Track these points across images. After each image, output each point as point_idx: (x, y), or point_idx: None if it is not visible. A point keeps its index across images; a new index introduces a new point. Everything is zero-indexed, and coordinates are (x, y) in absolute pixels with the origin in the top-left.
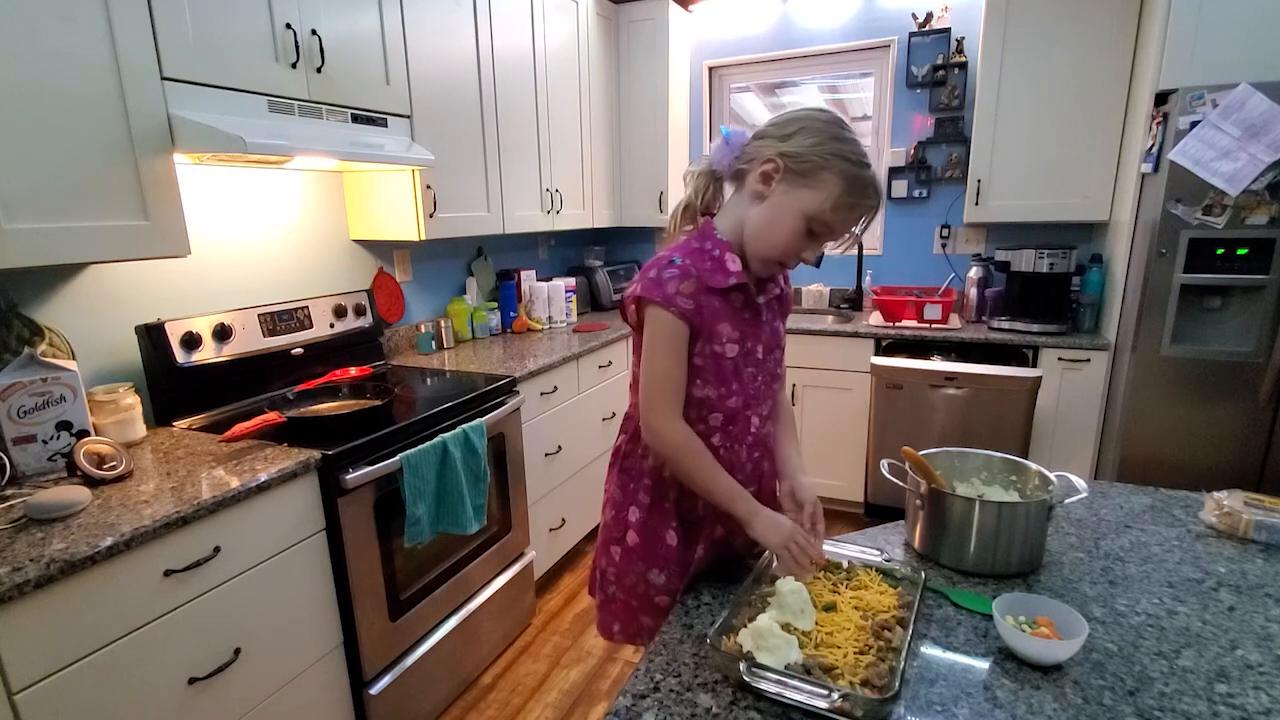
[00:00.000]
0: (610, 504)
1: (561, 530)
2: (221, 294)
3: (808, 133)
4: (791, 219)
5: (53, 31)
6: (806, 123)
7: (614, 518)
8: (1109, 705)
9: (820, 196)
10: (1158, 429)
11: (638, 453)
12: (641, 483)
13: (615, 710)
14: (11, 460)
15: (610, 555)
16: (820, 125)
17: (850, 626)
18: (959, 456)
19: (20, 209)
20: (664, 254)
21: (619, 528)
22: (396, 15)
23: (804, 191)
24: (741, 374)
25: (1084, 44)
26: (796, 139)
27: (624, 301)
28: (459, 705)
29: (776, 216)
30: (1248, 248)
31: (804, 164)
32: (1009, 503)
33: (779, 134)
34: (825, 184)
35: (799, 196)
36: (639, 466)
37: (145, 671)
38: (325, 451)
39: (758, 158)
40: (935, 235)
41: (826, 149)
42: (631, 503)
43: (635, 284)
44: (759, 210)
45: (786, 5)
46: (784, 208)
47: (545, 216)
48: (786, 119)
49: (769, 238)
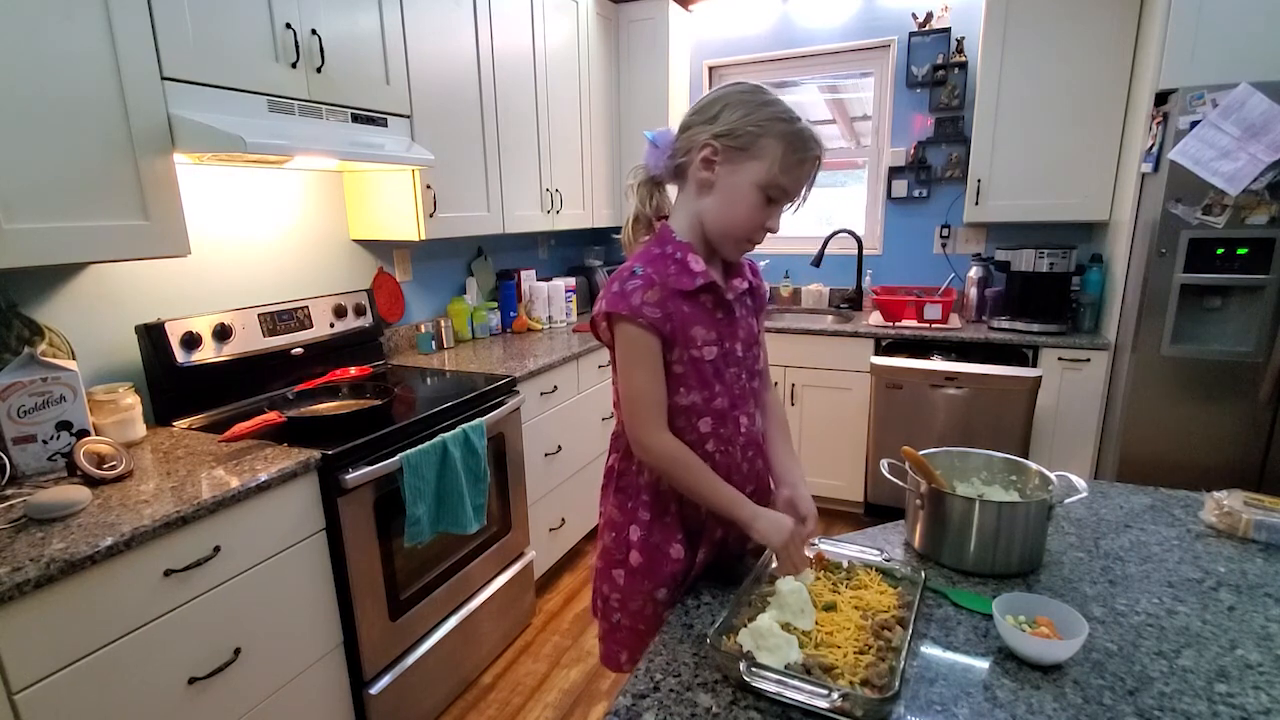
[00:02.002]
0: (609, 526)
1: (561, 530)
2: (221, 294)
3: (732, 107)
4: (746, 194)
5: (53, 31)
6: (728, 99)
7: (615, 540)
8: (1109, 705)
9: (766, 163)
10: (1158, 429)
11: (632, 470)
12: (640, 499)
13: (615, 710)
14: (11, 460)
15: (613, 580)
16: (743, 96)
17: (850, 626)
18: (959, 456)
19: (20, 209)
20: (625, 265)
21: (620, 549)
22: (396, 15)
23: (749, 164)
24: (724, 375)
25: (1084, 44)
26: (724, 117)
27: (593, 319)
28: (459, 705)
29: (731, 197)
30: (1248, 247)
31: (740, 138)
32: (1009, 502)
33: (704, 118)
34: (767, 150)
35: (746, 170)
36: (635, 483)
37: (145, 671)
38: (325, 451)
39: (692, 148)
40: (935, 235)
41: (756, 116)
42: (631, 521)
43: (601, 300)
44: (711, 199)
45: (786, 5)
46: (735, 186)
47: (545, 216)
48: (706, 102)
49: (730, 219)
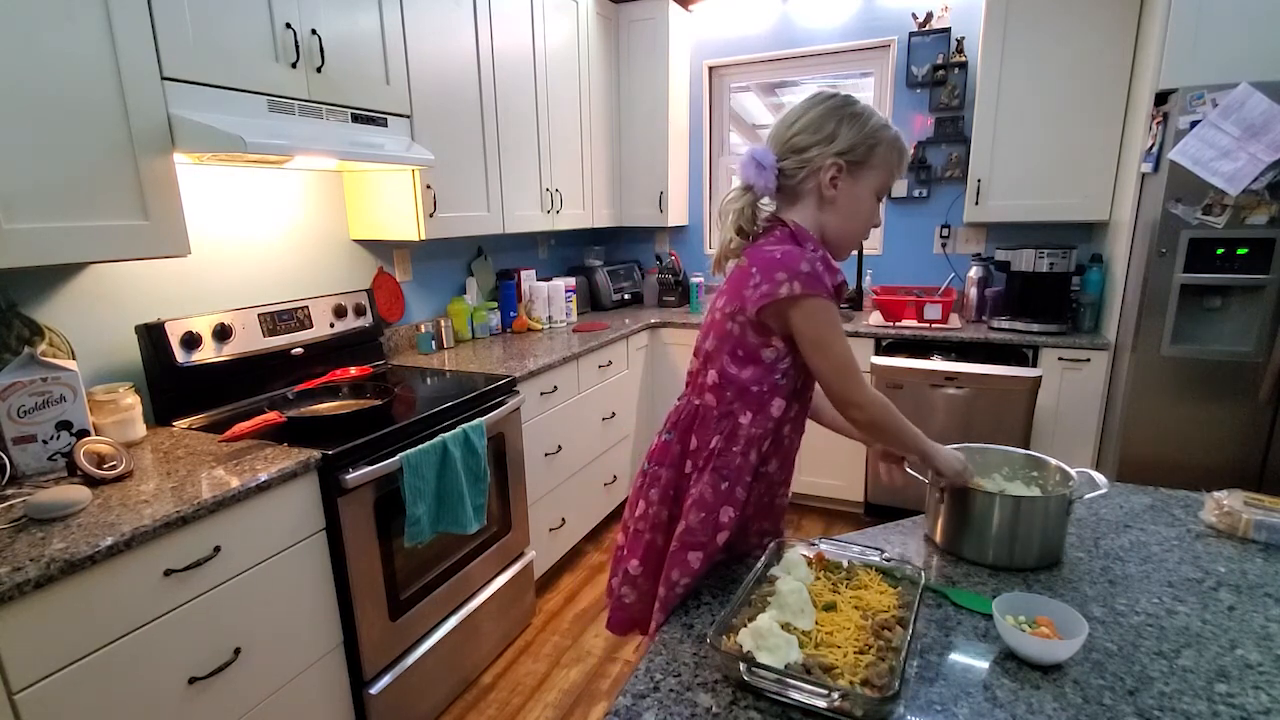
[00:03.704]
0: (698, 506)
1: (561, 530)
2: (221, 294)
3: (846, 123)
4: (867, 203)
5: (53, 31)
6: (838, 114)
7: (703, 521)
8: (1109, 705)
9: (884, 172)
10: (1158, 429)
11: (734, 450)
12: (742, 480)
13: (615, 710)
14: (11, 460)
15: (687, 563)
16: (851, 112)
17: (850, 626)
18: (979, 452)
19: (20, 209)
20: (791, 250)
21: (707, 530)
22: (396, 15)
23: (868, 175)
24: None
25: (1084, 43)
26: (843, 135)
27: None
28: (459, 705)
29: (856, 208)
30: (1248, 247)
31: (859, 154)
32: (1029, 497)
33: (822, 138)
34: (883, 159)
35: (866, 180)
36: (736, 465)
37: (145, 671)
38: (325, 451)
39: (817, 168)
40: (935, 235)
41: (868, 129)
42: (725, 502)
43: (784, 283)
44: (833, 211)
45: (786, 5)
46: (858, 197)
47: (545, 216)
48: (818, 120)
49: (856, 228)
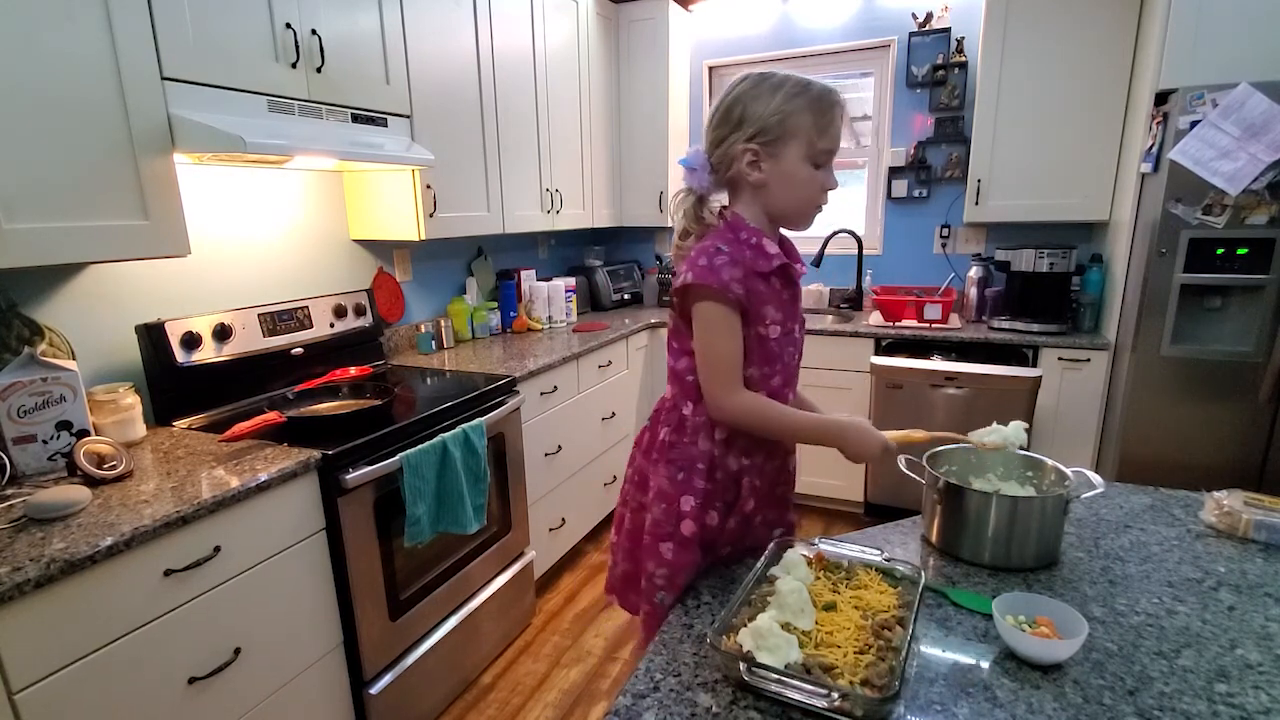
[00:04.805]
0: (659, 498)
1: (561, 530)
2: (221, 294)
3: (749, 104)
4: (799, 172)
5: (53, 32)
6: (741, 98)
7: (665, 511)
8: (1109, 705)
9: (804, 140)
10: (1158, 429)
11: (684, 441)
12: (695, 469)
13: (615, 710)
14: (11, 460)
15: (660, 555)
16: (754, 91)
17: (850, 626)
18: (975, 452)
19: (20, 209)
20: (707, 243)
21: (671, 521)
22: (396, 15)
23: (789, 146)
24: (783, 354)
25: (1084, 44)
26: (750, 118)
27: (677, 289)
28: (459, 705)
29: (787, 183)
30: (1248, 247)
31: (772, 132)
32: (1025, 497)
33: (731, 127)
34: (800, 127)
35: (789, 152)
36: (689, 454)
37: (145, 671)
38: (325, 451)
39: (735, 158)
40: (935, 235)
41: (775, 103)
42: (685, 492)
43: (685, 273)
44: (769, 192)
45: (786, 5)
46: (787, 171)
47: (545, 216)
48: (725, 110)
49: (795, 198)
